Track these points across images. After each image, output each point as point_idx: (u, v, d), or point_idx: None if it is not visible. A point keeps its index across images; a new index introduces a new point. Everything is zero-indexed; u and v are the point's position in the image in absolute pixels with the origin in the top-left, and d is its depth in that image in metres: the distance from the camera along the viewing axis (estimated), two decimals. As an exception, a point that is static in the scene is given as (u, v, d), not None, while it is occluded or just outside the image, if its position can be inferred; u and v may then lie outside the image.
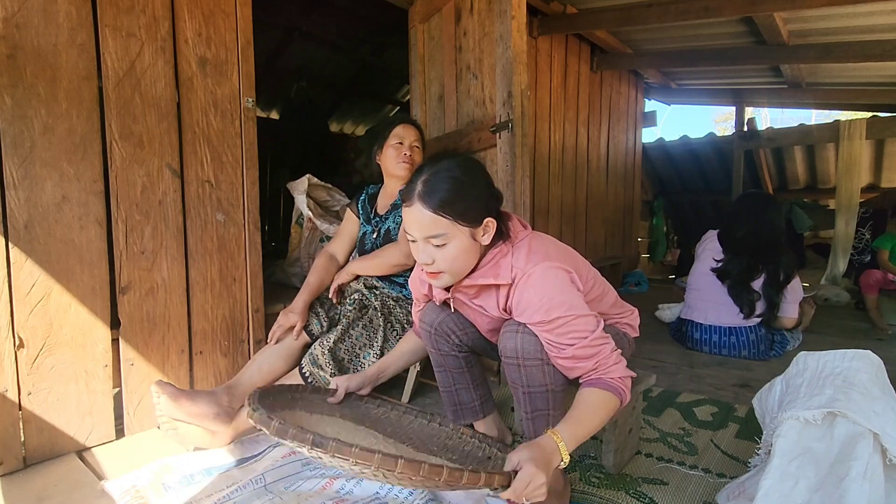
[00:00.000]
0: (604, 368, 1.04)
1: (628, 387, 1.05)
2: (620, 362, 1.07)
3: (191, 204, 1.66)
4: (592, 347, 1.04)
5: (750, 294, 2.42)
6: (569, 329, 1.04)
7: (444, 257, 1.09)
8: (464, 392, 1.37)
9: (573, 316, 1.04)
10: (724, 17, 3.00)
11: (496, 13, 1.83)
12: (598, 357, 1.04)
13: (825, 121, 4.79)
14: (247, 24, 1.75)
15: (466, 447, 1.24)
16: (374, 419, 1.30)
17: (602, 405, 1.02)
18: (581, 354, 1.04)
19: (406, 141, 1.87)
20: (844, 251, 4.34)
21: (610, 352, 1.06)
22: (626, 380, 1.05)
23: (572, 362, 1.05)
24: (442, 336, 1.31)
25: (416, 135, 1.90)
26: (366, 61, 5.21)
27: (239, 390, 1.54)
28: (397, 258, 1.75)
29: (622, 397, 1.03)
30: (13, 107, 1.30)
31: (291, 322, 1.67)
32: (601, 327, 1.07)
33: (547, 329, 1.05)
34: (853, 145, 4.33)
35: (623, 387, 1.04)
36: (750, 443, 1.49)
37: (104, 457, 1.44)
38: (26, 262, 1.33)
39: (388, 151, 1.88)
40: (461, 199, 1.07)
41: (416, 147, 1.88)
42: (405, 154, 1.85)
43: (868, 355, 1.07)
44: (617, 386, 1.03)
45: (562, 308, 1.04)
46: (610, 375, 1.04)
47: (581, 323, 1.04)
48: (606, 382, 1.03)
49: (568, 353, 1.04)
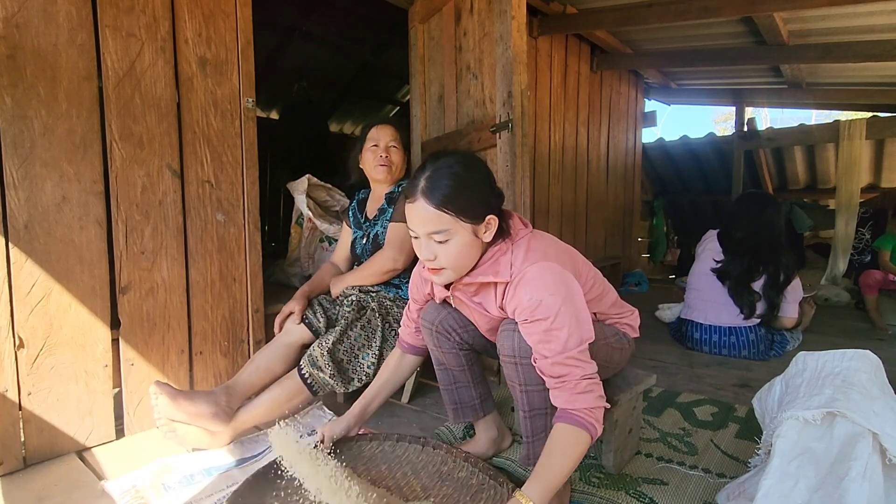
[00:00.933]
0: (569, 392, 1.01)
1: (599, 419, 1.01)
2: (589, 392, 1.02)
3: (191, 204, 1.66)
4: (563, 366, 1.02)
5: (750, 295, 2.42)
6: (548, 338, 1.02)
7: (447, 253, 1.09)
8: (464, 390, 1.37)
9: (556, 328, 1.02)
10: (724, 17, 3.00)
11: (496, 13, 1.83)
12: (565, 378, 1.02)
13: (825, 121, 4.78)
14: (247, 24, 1.75)
15: (460, 473, 1.24)
16: (369, 457, 1.32)
17: (571, 445, 0.99)
18: (548, 371, 1.03)
19: (381, 143, 1.86)
20: (844, 251, 4.34)
21: (579, 377, 1.02)
22: (595, 411, 1.01)
23: (539, 370, 1.05)
24: (443, 334, 1.31)
25: (391, 134, 1.88)
26: (366, 61, 5.21)
27: (237, 390, 1.54)
28: (386, 264, 1.76)
29: (591, 432, 1.00)
30: (13, 107, 1.30)
31: (291, 308, 1.70)
32: (582, 347, 1.04)
33: (528, 332, 1.06)
34: (853, 145, 4.33)
35: (592, 420, 1.00)
36: (750, 443, 1.49)
37: (104, 457, 1.44)
38: (26, 263, 1.34)
39: (366, 155, 1.88)
40: (464, 195, 1.07)
41: (392, 147, 1.87)
42: (381, 156, 1.84)
43: (867, 355, 1.07)
44: (584, 421, 0.99)
45: (547, 313, 1.02)
46: (575, 406, 1.00)
47: (561, 335, 1.02)
48: (573, 417, 1.00)
49: (538, 364, 1.05)
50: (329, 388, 1.57)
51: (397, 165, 1.88)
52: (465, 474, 1.23)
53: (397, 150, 1.88)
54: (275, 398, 1.53)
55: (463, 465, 1.26)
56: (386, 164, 1.85)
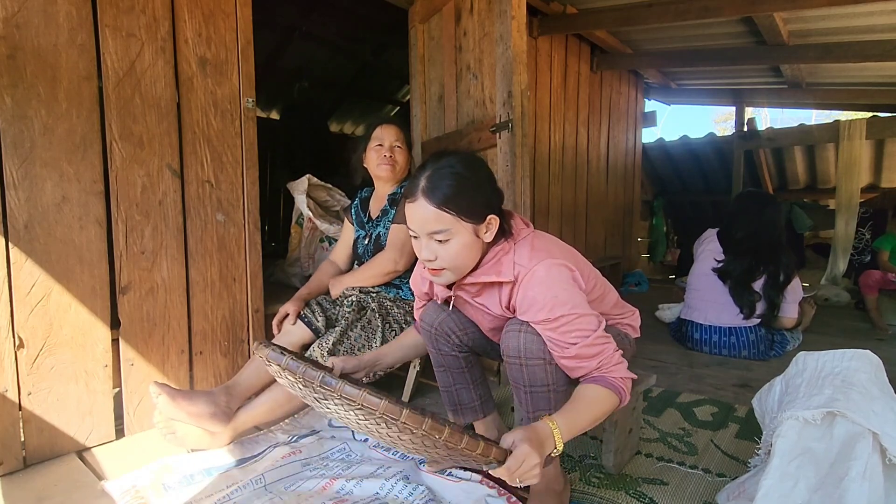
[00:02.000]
0: (607, 367, 1.04)
1: (628, 388, 1.05)
2: (622, 363, 1.06)
3: (191, 204, 1.66)
4: (595, 346, 1.04)
5: (751, 295, 2.42)
6: (572, 327, 1.04)
7: (447, 254, 1.09)
8: (464, 392, 1.37)
9: (576, 315, 1.04)
10: (724, 17, 3.00)
11: (496, 13, 1.83)
12: (601, 356, 1.04)
13: (825, 121, 4.79)
14: (247, 24, 1.75)
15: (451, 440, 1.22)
16: None
17: (601, 401, 1.01)
18: (584, 353, 1.04)
19: (386, 142, 1.86)
20: (844, 251, 4.34)
21: (612, 351, 1.06)
22: (626, 380, 1.05)
23: (576, 361, 1.05)
24: (442, 336, 1.31)
25: (396, 134, 1.89)
26: (366, 61, 5.21)
27: (237, 391, 1.54)
28: (387, 266, 1.76)
29: (621, 396, 1.03)
30: (13, 107, 1.30)
31: (287, 310, 1.71)
32: (602, 326, 1.07)
33: (551, 328, 1.05)
34: (853, 145, 4.33)
35: (623, 386, 1.04)
36: (750, 443, 1.49)
37: (104, 457, 1.44)
38: (26, 263, 1.33)
39: (371, 155, 1.88)
40: (464, 194, 1.07)
41: (397, 147, 1.87)
42: (385, 156, 1.85)
43: (867, 355, 1.07)
44: (618, 385, 1.03)
45: (566, 306, 1.04)
46: (612, 374, 1.04)
47: (584, 322, 1.04)
48: (607, 380, 1.03)
49: (571, 353, 1.04)
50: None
51: (401, 165, 1.89)
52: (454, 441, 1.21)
53: (401, 149, 1.89)
54: (275, 398, 1.53)
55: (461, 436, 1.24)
56: (390, 163, 1.85)
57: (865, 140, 4.33)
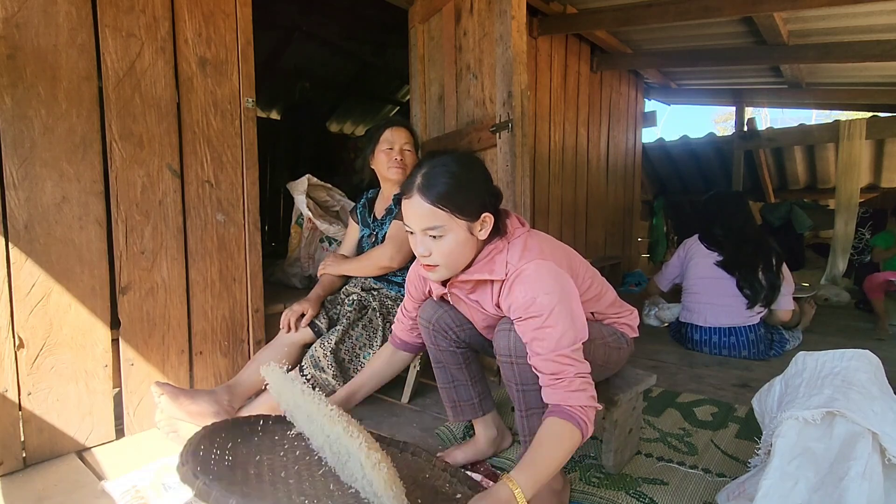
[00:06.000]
0: (563, 390, 1.01)
1: (590, 418, 1.00)
2: (583, 390, 1.02)
3: (191, 204, 1.66)
4: (555, 363, 1.02)
5: (758, 280, 2.46)
6: (540, 335, 1.03)
7: (441, 250, 1.10)
8: (462, 389, 1.38)
9: (549, 325, 1.02)
10: (724, 17, 2.99)
11: (496, 13, 1.83)
12: (559, 375, 1.01)
13: (825, 121, 4.79)
14: (247, 24, 1.75)
15: (437, 482, 1.19)
16: None
17: (562, 440, 0.97)
18: (540, 367, 1.03)
19: (396, 145, 1.85)
20: (844, 251, 4.34)
21: (573, 375, 1.01)
22: (587, 410, 1.00)
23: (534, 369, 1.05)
24: (440, 332, 1.31)
25: (406, 137, 1.87)
26: (366, 61, 5.21)
27: (239, 389, 1.55)
28: (382, 261, 1.76)
29: (583, 430, 0.99)
30: (13, 107, 1.30)
31: (304, 308, 1.70)
32: (574, 347, 1.04)
33: (521, 329, 1.06)
34: (853, 145, 4.33)
35: (584, 418, 0.99)
36: (750, 443, 1.49)
37: (104, 457, 1.44)
38: (26, 262, 1.34)
39: (380, 156, 1.87)
40: (459, 192, 1.08)
41: (406, 150, 1.86)
42: (396, 159, 1.83)
43: (866, 355, 1.07)
44: (577, 417, 0.98)
45: (541, 311, 1.03)
46: (568, 403, 1.00)
47: (554, 333, 1.02)
48: (566, 412, 0.99)
49: (532, 361, 1.05)
50: (330, 388, 1.57)
51: (410, 168, 1.88)
52: (440, 484, 1.18)
53: (411, 153, 1.88)
54: (275, 398, 1.53)
55: (441, 474, 1.22)
56: (400, 166, 1.84)
57: (865, 140, 4.33)
